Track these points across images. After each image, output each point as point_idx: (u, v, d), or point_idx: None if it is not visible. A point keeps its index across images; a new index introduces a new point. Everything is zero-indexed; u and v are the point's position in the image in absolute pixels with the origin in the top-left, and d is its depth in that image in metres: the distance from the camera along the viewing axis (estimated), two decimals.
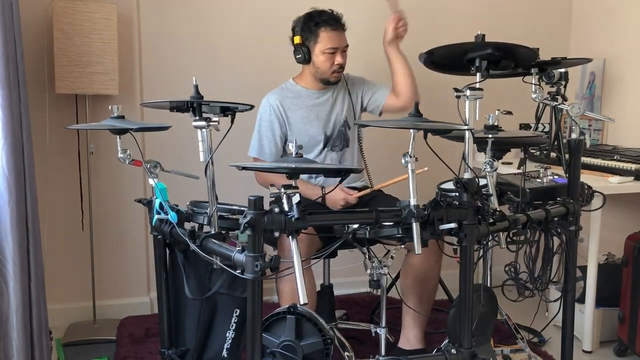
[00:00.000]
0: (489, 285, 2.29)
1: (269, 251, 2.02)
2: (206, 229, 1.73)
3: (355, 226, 1.67)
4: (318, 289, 2.58)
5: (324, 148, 2.54)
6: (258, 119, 2.52)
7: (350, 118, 2.59)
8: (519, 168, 2.15)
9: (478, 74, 1.81)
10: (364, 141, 2.67)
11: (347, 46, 2.48)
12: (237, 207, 1.81)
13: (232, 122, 1.71)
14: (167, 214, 1.70)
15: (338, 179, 1.65)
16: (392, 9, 2.52)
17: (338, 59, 2.44)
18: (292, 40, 2.48)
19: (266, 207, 1.45)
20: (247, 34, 3.03)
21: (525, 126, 3.22)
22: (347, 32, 2.50)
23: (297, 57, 2.47)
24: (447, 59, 1.95)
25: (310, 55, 2.45)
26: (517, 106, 2.33)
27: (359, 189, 2.53)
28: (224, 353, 1.96)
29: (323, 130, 2.52)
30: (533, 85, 2.03)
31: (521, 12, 3.43)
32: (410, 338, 2.37)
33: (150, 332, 2.74)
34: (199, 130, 1.63)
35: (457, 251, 1.70)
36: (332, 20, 2.42)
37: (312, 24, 2.42)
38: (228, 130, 1.67)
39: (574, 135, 2.06)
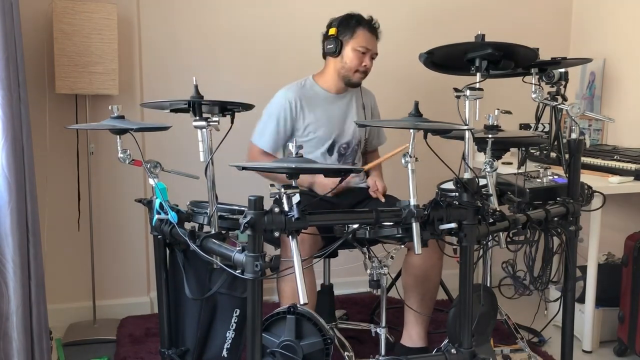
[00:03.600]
0: (488, 285, 2.29)
1: (270, 251, 2.02)
2: (206, 229, 1.73)
3: (355, 226, 1.67)
4: (318, 288, 2.58)
5: (329, 153, 2.53)
6: (269, 109, 2.50)
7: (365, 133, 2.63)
8: (519, 168, 2.15)
9: (478, 74, 1.81)
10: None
11: (376, 54, 2.52)
12: (237, 207, 1.81)
13: (232, 122, 1.71)
14: (167, 214, 1.70)
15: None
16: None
17: (367, 61, 2.48)
18: (326, 33, 2.50)
19: (266, 207, 1.45)
20: (248, 33, 3.03)
21: (525, 126, 3.22)
22: None
23: (329, 47, 2.48)
24: (447, 59, 1.95)
25: (341, 48, 2.47)
26: (517, 106, 2.33)
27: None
28: (224, 353, 1.96)
29: (331, 134, 2.52)
30: (533, 85, 2.03)
31: (521, 12, 3.43)
32: (412, 335, 2.37)
33: (150, 332, 2.73)
34: (199, 130, 1.63)
35: (457, 251, 1.70)
36: (371, 25, 2.49)
37: (352, 21, 2.47)
38: (228, 131, 1.67)
39: (574, 135, 2.06)
